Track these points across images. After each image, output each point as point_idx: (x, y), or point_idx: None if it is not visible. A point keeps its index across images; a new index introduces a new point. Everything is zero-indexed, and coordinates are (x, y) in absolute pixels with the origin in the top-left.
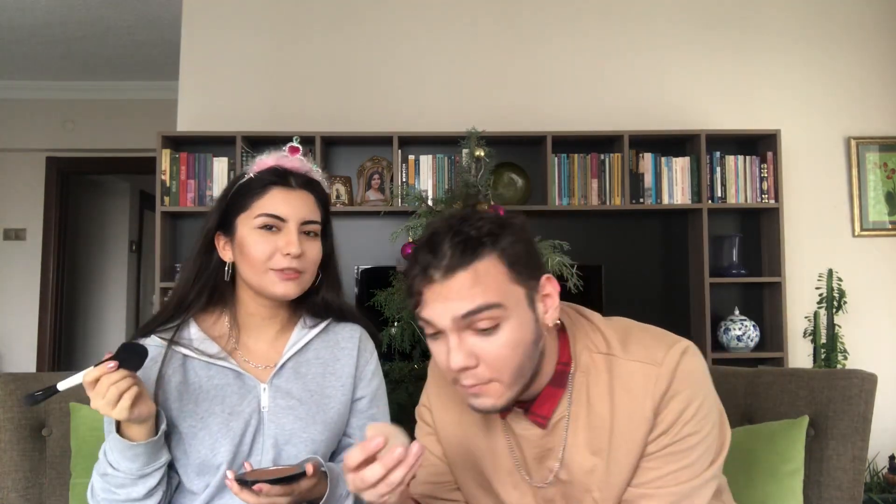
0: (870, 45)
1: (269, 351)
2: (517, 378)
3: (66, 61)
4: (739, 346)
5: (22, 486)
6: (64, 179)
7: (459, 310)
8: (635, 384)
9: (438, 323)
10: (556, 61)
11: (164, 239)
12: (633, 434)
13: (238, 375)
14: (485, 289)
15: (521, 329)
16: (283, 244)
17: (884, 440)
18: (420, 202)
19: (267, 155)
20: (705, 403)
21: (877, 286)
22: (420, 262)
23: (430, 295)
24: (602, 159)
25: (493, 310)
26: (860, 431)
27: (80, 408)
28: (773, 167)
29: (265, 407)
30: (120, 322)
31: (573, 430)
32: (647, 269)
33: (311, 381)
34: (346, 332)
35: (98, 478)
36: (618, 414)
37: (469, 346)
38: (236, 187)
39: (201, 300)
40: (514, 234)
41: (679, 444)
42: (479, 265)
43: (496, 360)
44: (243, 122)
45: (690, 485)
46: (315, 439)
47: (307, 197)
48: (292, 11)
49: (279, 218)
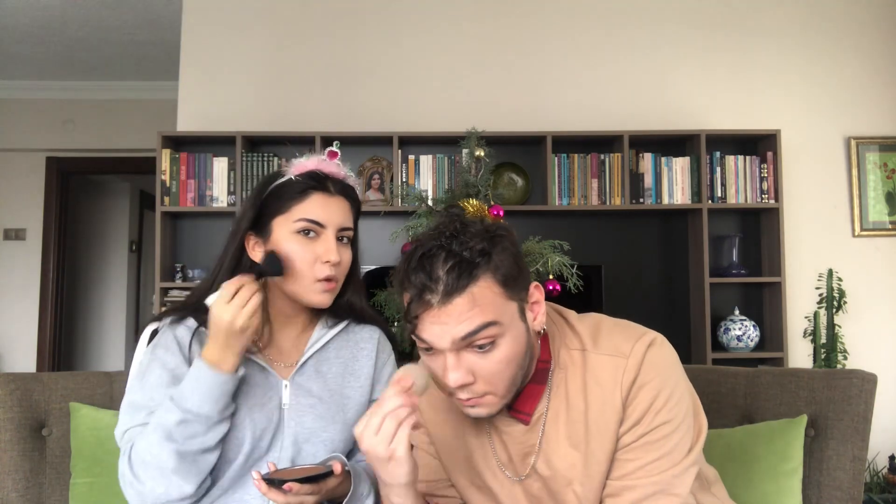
0: (870, 45)
1: (291, 349)
2: (510, 388)
3: (66, 61)
4: (739, 346)
5: (22, 486)
6: (64, 179)
7: (459, 333)
8: (605, 377)
9: (437, 344)
10: (556, 61)
11: (164, 239)
12: (607, 426)
13: (263, 370)
14: (482, 310)
15: (515, 343)
16: (322, 251)
17: (884, 440)
18: (420, 202)
19: (307, 158)
20: (675, 392)
21: (877, 286)
22: (414, 285)
23: (428, 319)
24: (602, 159)
25: (490, 328)
26: (860, 431)
27: (80, 407)
28: (773, 167)
29: (286, 404)
30: (120, 322)
31: (553, 425)
32: (647, 269)
33: (332, 380)
34: (366, 333)
35: (158, 441)
36: (591, 407)
37: (467, 364)
38: (273, 188)
39: None
40: (504, 248)
41: (654, 433)
42: (474, 288)
43: (492, 376)
44: (243, 122)
45: (671, 473)
46: (334, 439)
47: (344, 203)
48: (292, 12)
49: (319, 224)
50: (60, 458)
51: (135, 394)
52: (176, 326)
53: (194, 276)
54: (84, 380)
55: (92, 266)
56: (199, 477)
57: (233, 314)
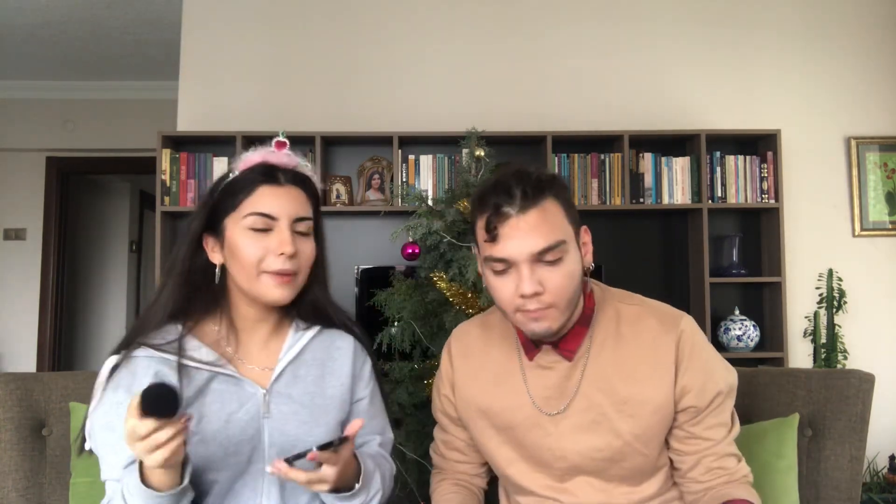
0: (870, 45)
1: (261, 354)
2: (570, 305)
3: (66, 61)
4: (739, 346)
5: (22, 486)
6: (64, 179)
7: (536, 247)
8: (650, 328)
9: (515, 258)
10: (556, 61)
11: (164, 239)
12: (652, 370)
13: (237, 381)
14: (552, 227)
15: (575, 263)
16: (275, 244)
17: (884, 440)
18: (420, 202)
19: (253, 151)
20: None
21: (877, 286)
22: (491, 203)
23: (505, 230)
24: (602, 159)
25: (560, 246)
26: (858, 431)
27: (80, 407)
28: (773, 167)
29: (266, 414)
30: (120, 322)
31: (594, 364)
32: (647, 269)
33: (311, 382)
34: (339, 334)
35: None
36: (636, 351)
37: (538, 276)
38: (223, 186)
39: (199, 307)
40: (562, 185)
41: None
42: (546, 204)
43: (558, 289)
44: (243, 122)
45: (729, 407)
46: (320, 441)
47: (297, 193)
48: (292, 11)
49: (269, 216)
50: (60, 457)
51: (104, 441)
52: (130, 362)
53: None
54: (84, 380)
55: (92, 266)
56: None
57: (141, 455)
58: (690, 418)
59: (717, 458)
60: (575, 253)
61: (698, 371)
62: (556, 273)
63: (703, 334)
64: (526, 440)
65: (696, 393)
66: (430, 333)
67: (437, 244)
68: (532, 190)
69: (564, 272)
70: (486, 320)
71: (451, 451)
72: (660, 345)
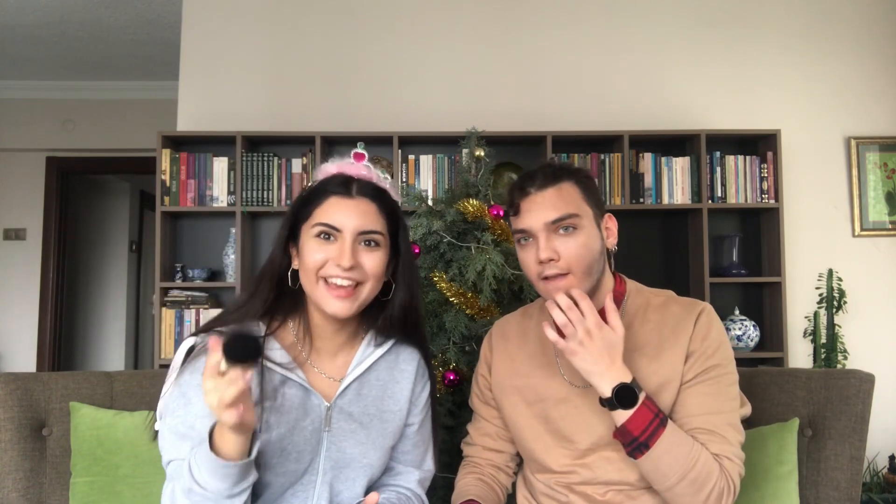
0: (870, 44)
1: (331, 363)
2: (587, 274)
3: (65, 61)
4: (739, 346)
5: (22, 486)
6: (64, 179)
7: (549, 217)
8: (674, 314)
9: (533, 227)
10: (556, 61)
11: (164, 239)
12: (673, 346)
13: (305, 391)
14: (567, 202)
15: (590, 237)
16: (335, 254)
17: (884, 440)
18: (420, 202)
19: (331, 162)
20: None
21: (877, 286)
22: (518, 185)
23: (526, 205)
24: (602, 159)
25: (572, 218)
26: (858, 431)
27: (80, 407)
28: (773, 167)
29: (327, 428)
30: (120, 322)
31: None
32: (647, 269)
33: (371, 403)
34: (407, 355)
35: (181, 495)
36: (656, 333)
37: (554, 244)
38: (303, 195)
39: (282, 310)
40: (586, 174)
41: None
42: (562, 185)
43: (571, 257)
44: (243, 122)
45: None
46: (373, 464)
47: (368, 206)
48: (292, 11)
49: (333, 227)
50: (60, 457)
51: (177, 419)
52: None
53: (194, 276)
54: (84, 380)
55: (92, 266)
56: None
57: (216, 398)
58: (690, 378)
59: (705, 433)
60: (592, 229)
61: (705, 339)
62: (570, 242)
63: (721, 322)
64: (554, 413)
65: (697, 356)
66: (430, 333)
67: (437, 244)
68: (553, 173)
69: (579, 242)
70: (527, 310)
71: (483, 436)
72: (680, 324)
